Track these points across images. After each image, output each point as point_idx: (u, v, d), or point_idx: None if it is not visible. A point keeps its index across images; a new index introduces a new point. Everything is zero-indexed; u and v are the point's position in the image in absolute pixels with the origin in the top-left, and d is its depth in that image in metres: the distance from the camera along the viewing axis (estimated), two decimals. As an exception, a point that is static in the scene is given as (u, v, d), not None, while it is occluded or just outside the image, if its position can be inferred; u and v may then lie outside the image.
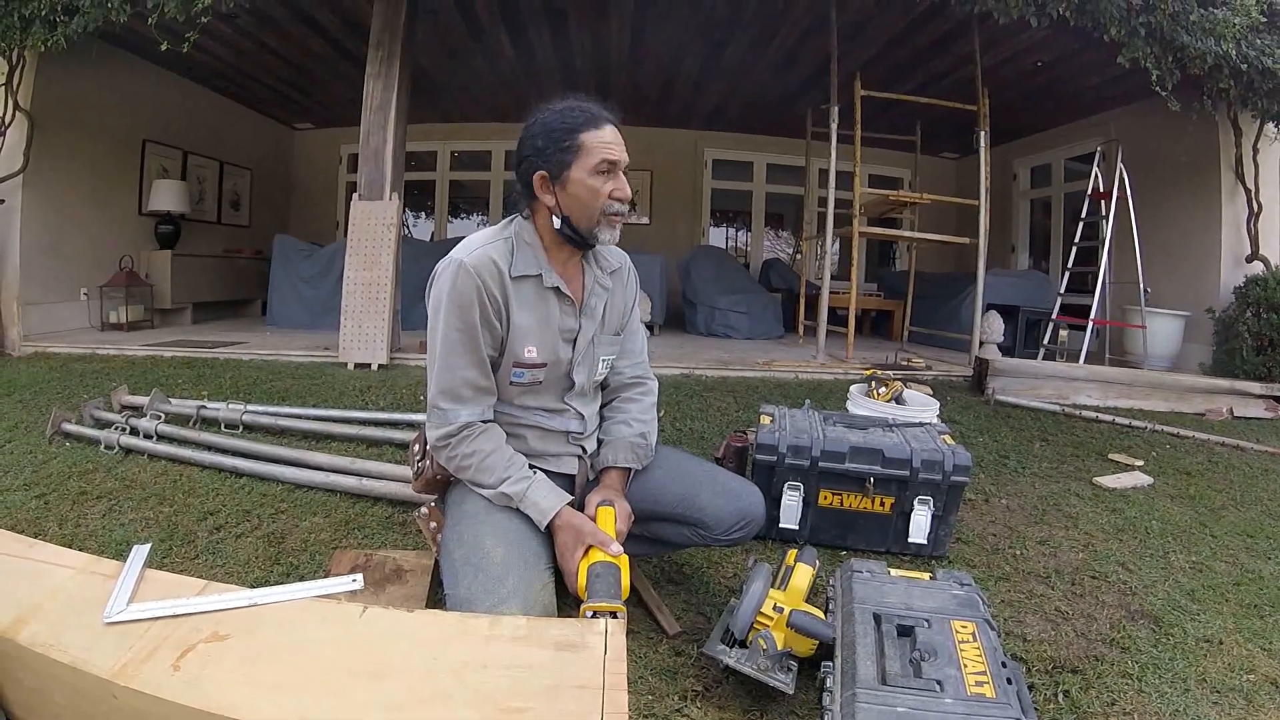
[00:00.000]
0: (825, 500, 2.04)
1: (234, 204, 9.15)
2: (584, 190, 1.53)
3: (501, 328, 1.56)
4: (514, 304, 1.56)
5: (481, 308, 1.51)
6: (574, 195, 1.54)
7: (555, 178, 1.55)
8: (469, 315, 1.51)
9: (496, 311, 1.54)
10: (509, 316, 1.56)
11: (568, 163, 1.53)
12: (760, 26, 6.46)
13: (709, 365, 5.03)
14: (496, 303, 1.53)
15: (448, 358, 1.54)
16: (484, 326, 1.53)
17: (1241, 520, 3.04)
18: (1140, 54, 5.03)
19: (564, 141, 1.53)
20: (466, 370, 1.54)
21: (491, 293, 1.52)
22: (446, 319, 1.52)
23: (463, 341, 1.52)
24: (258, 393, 4.02)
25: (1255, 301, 5.98)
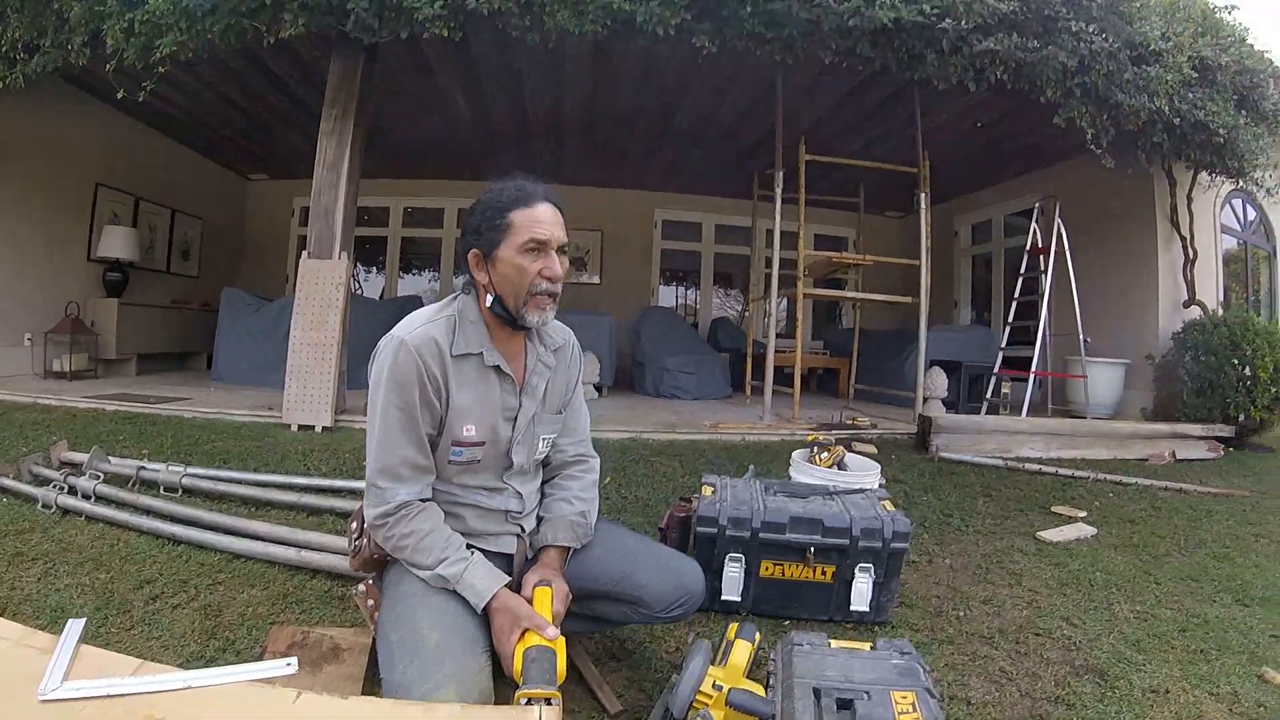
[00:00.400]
0: (767, 571, 2.04)
1: (184, 253, 9.03)
2: (512, 269, 1.54)
3: (441, 407, 1.56)
4: (454, 383, 1.56)
5: (421, 387, 1.51)
6: (503, 274, 1.56)
7: (487, 256, 1.57)
8: (409, 394, 1.50)
9: (436, 391, 1.54)
10: (449, 395, 1.56)
11: (498, 241, 1.55)
12: (710, 92, 6.67)
13: (656, 428, 5.01)
14: (436, 382, 1.53)
15: (386, 436, 1.52)
16: (423, 405, 1.53)
17: (1185, 565, 3.09)
18: (1076, 113, 5.23)
19: (495, 220, 1.55)
20: (405, 449, 1.53)
21: (432, 372, 1.52)
22: (386, 397, 1.51)
23: (402, 420, 1.52)
24: (199, 453, 3.94)
25: (1194, 346, 6.19)
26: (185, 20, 4.43)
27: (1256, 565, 3.18)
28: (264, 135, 8.16)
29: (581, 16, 4.37)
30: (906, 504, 3.66)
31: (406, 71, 6.22)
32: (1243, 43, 6.13)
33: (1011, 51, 4.80)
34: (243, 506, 3.16)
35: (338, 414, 4.81)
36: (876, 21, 4.42)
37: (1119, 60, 5.14)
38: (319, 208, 5.02)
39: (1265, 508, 4.26)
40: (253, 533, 2.70)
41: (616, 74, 6.27)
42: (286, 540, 2.61)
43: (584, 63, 6.01)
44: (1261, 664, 2.17)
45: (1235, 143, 5.83)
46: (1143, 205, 7.17)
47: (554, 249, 1.57)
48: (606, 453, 4.12)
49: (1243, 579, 2.97)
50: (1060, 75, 5.04)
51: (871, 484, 2.40)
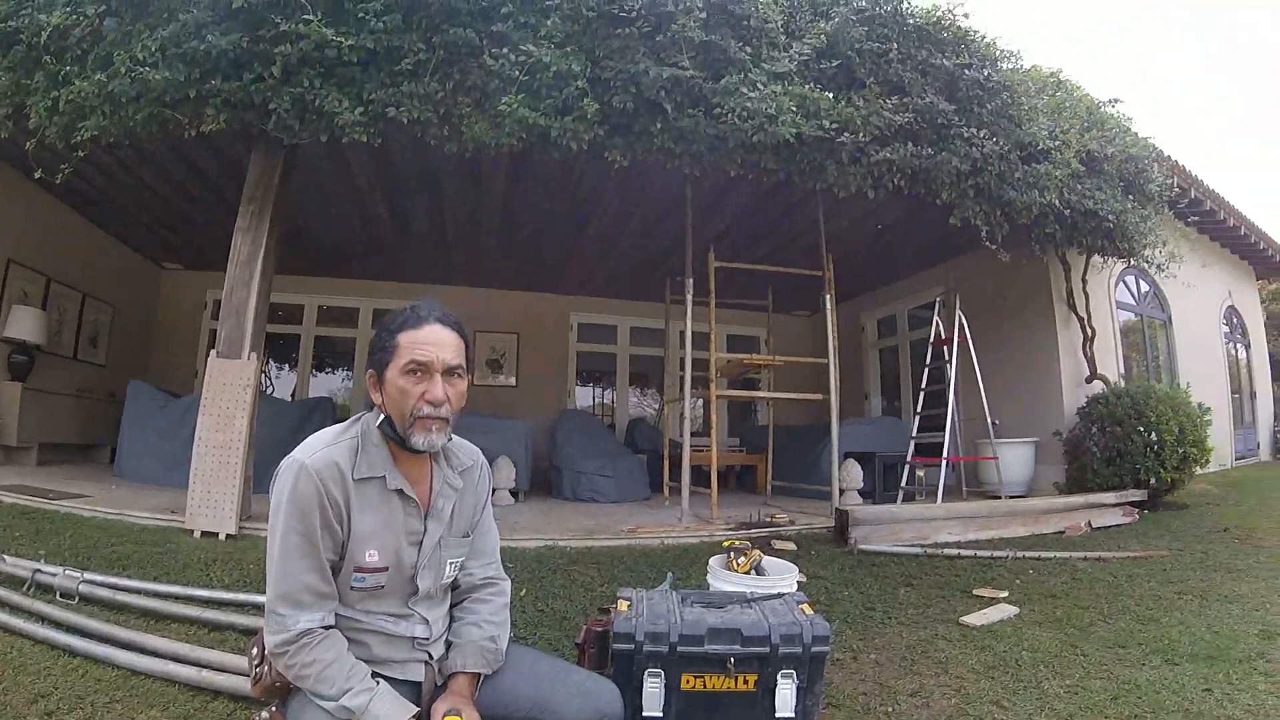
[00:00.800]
0: (689, 684, 1.99)
1: (93, 340, 8.59)
2: (395, 391, 1.53)
3: (342, 532, 1.51)
4: (356, 507, 1.52)
5: (322, 511, 1.47)
6: (390, 396, 1.53)
7: (379, 377, 1.56)
8: (309, 519, 1.46)
9: (338, 516, 1.50)
10: (350, 520, 1.52)
11: (386, 362, 1.54)
12: (623, 201, 6.92)
13: (573, 535, 4.90)
14: (338, 506, 1.49)
15: (286, 562, 1.47)
16: (324, 531, 1.48)
17: (1111, 632, 3.16)
18: (971, 212, 5.60)
19: (385, 341, 1.55)
20: (305, 575, 1.47)
21: (333, 496, 1.48)
22: (286, 522, 1.46)
23: (302, 546, 1.46)
24: (97, 557, 3.74)
25: (1100, 418, 6.54)
26: (109, 105, 4.39)
27: (1182, 623, 3.30)
28: (181, 224, 8.00)
29: (498, 129, 4.51)
30: (828, 600, 3.66)
31: (326, 172, 6.27)
32: (1127, 132, 6.73)
33: (907, 159, 5.16)
34: (142, 618, 3.03)
35: (243, 520, 4.59)
36: (779, 136, 4.68)
37: (1009, 161, 5.57)
38: (230, 306, 4.90)
39: (1184, 564, 4.46)
40: (152, 649, 2.61)
41: (533, 183, 6.45)
42: (187, 658, 2.53)
43: (501, 171, 6.19)
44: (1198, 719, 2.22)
45: (1124, 226, 6.35)
46: (1040, 291, 7.68)
47: (439, 371, 1.54)
48: (522, 562, 4.07)
49: (1169, 638, 3.06)
50: (954, 178, 5.40)
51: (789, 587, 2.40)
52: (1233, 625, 3.27)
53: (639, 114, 4.67)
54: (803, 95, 4.76)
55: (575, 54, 4.47)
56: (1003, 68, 5.78)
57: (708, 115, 4.68)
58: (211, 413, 4.71)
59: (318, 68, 4.33)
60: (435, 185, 6.64)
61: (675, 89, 4.60)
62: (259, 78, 4.30)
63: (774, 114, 4.61)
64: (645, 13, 4.47)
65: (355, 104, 4.38)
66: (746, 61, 4.74)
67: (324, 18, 4.22)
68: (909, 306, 9.89)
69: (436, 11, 4.35)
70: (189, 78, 4.29)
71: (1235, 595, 3.76)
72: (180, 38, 4.24)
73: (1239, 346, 11.71)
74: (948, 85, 5.38)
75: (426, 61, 4.40)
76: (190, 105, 4.42)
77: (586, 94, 4.48)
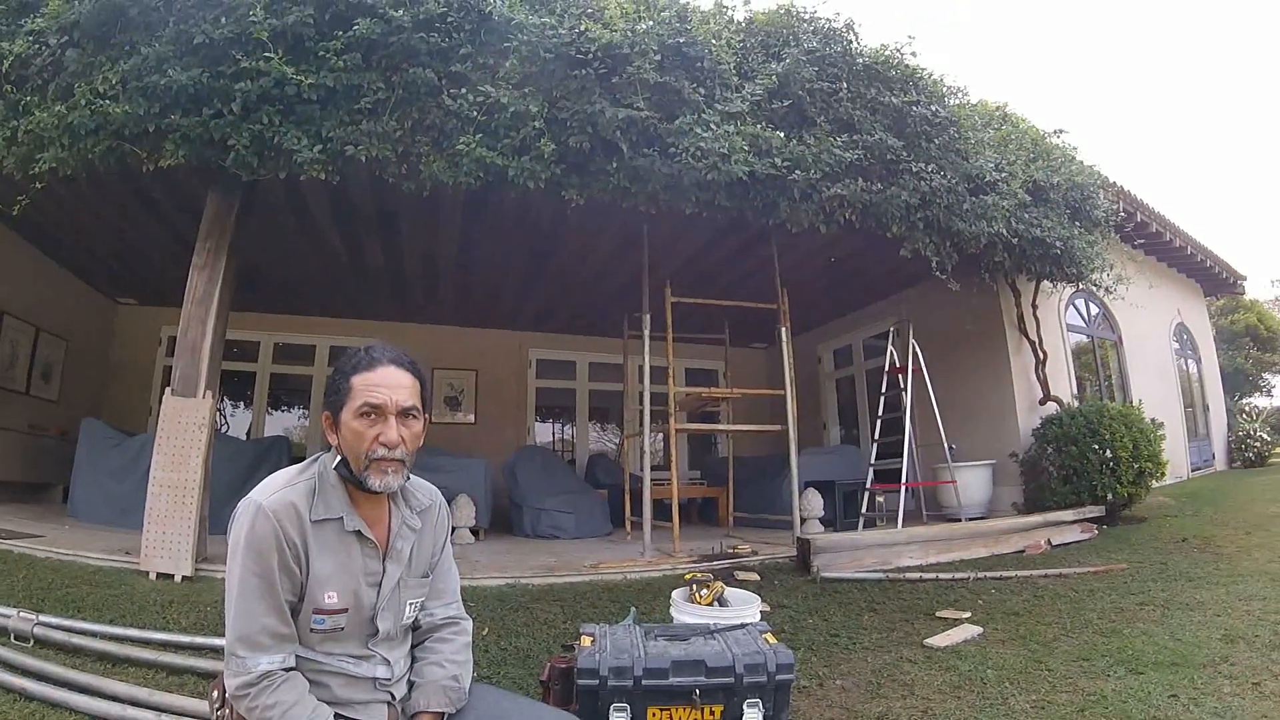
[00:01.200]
0: (654, 717, 2.00)
1: (45, 375, 8.31)
2: (350, 433, 1.53)
3: (301, 573, 1.50)
4: (314, 549, 1.51)
5: (280, 553, 1.46)
6: (345, 438, 1.54)
7: (335, 419, 1.56)
8: (266, 561, 1.45)
9: (295, 558, 1.49)
10: (308, 562, 1.51)
11: (341, 405, 1.54)
12: (580, 239, 6.98)
13: (536, 573, 4.85)
14: (295, 548, 1.48)
15: (245, 604, 1.45)
16: (282, 573, 1.47)
17: (1075, 646, 3.22)
18: (921, 244, 5.73)
19: (340, 383, 1.56)
20: (265, 617, 1.46)
21: (290, 538, 1.47)
22: (244, 564, 1.45)
23: (260, 588, 1.45)
24: (51, 599, 3.65)
25: (1055, 438, 6.71)
26: (68, 137, 4.33)
27: (1145, 633, 3.37)
28: (137, 260, 7.83)
29: (455, 168, 4.54)
30: (793, 628, 3.68)
31: (284, 209, 6.22)
32: (1072, 161, 7.01)
33: (858, 195, 5.29)
34: (99, 661, 2.97)
35: (199, 562, 4.48)
36: (733, 175, 4.79)
37: (957, 193, 5.75)
38: (186, 343, 4.81)
39: (1145, 575, 4.56)
40: (111, 693, 2.57)
41: (491, 221, 6.48)
42: (146, 703, 2.51)
43: (459, 209, 6.20)
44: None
45: (1072, 252, 6.57)
46: (991, 317, 7.89)
47: (393, 413, 1.54)
48: (484, 601, 4.03)
49: (1133, 648, 3.12)
50: (904, 211, 5.54)
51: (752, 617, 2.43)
52: (1195, 632, 3.34)
53: (595, 154, 4.73)
54: (755, 134, 4.89)
55: (533, 95, 4.53)
56: (950, 103, 6.00)
57: (663, 155, 4.76)
58: (166, 452, 4.60)
59: (277, 105, 4.33)
60: (393, 223, 6.63)
61: (631, 129, 4.68)
62: (218, 114, 4.28)
63: (727, 153, 4.72)
64: (602, 55, 4.56)
65: (314, 142, 4.38)
66: (700, 102, 4.85)
67: (284, 55, 4.25)
68: (864, 337, 10.07)
69: (396, 51, 4.39)
70: (148, 112, 4.26)
71: (1196, 603, 3.85)
72: (141, 71, 4.22)
73: (1190, 361, 12.10)
74: (896, 122, 5.55)
75: (386, 100, 4.43)
76: (149, 140, 4.38)
77: (544, 134, 4.54)
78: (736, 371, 8.87)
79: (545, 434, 11.77)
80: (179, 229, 6.46)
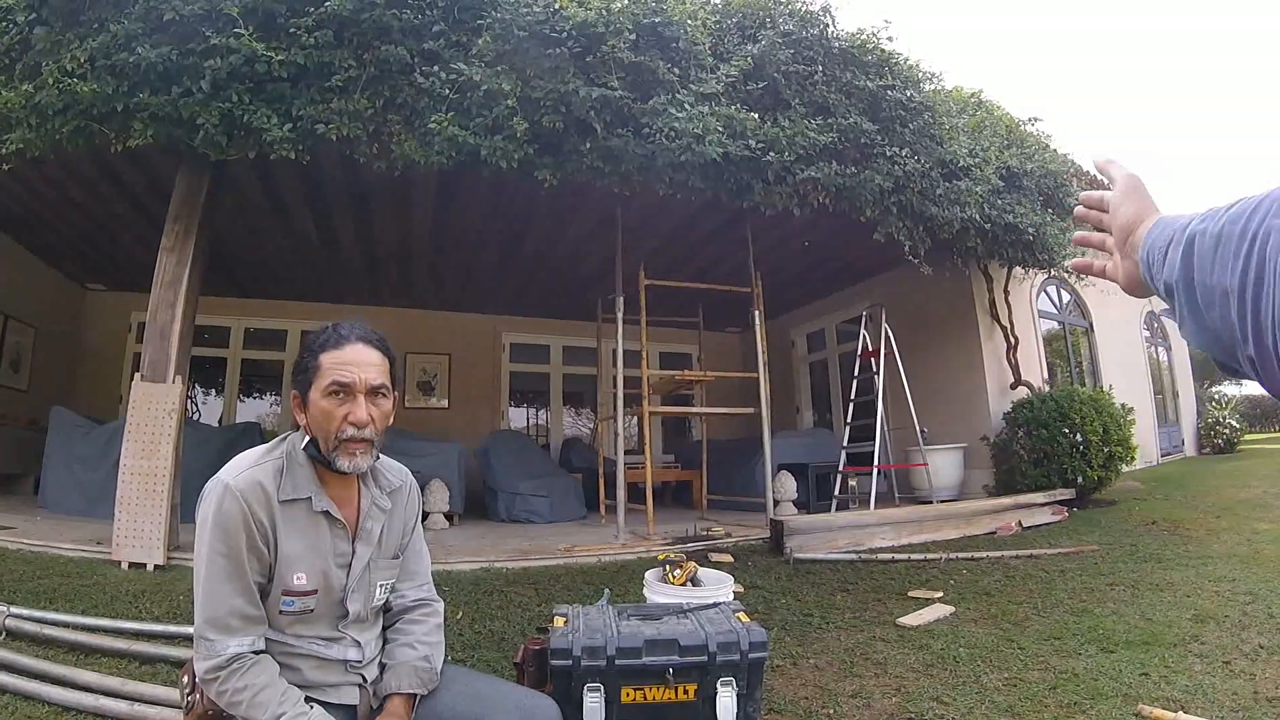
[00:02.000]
0: (628, 697, 2.00)
1: (13, 364, 8.16)
2: (319, 412, 1.50)
3: (269, 554, 1.48)
4: (282, 529, 1.49)
5: (248, 534, 1.43)
6: (314, 417, 1.51)
7: (303, 398, 1.54)
8: (234, 542, 1.42)
9: (264, 538, 1.46)
10: (277, 543, 1.48)
11: (309, 384, 1.51)
12: (554, 220, 6.93)
13: (510, 556, 4.84)
14: (264, 528, 1.46)
15: (212, 586, 1.43)
16: (250, 553, 1.44)
17: (1047, 625, 3.27)
18: (894, 228, 5.76)
19: (308, 362, 1.53)
20: (233, 599, 1.43)
21: (258, 518, 1.45)
22: (211, 545, 1.43)
23: (228, 569, 1.43)
24: (23, 591, 3.61)
25: (1025, 422, 6.80)
26: (36, 117, 4.24)
27: (1115, 612, 3.43)
28: (106, 243, 7.67)
29: (428, 148, 4.48)
30: (766, 608, 3.71)
31: (254, 190, 6.12)
32: (1046, 149, 7.07)
33: (832, 178, 5.30)
34: (71, 652, 2.94)
35: (171, 550, 4.43)
36: (706, 156, 4.77)
37: (931, 178, 5.78)
38: (155, 328, 4.73)
39: (1114, 557, 4.64)
40: (83, 683, 2.55)
41: (463, 202, 6.42)
42: (118, 692, 2.48)
43: (431, 190, 6.14)
44: (1137, 702, 2.31)
45: (1044, 238, 6.64)
46: (964, 302, 7.97)
47: (361, 392, 1.51)
48: (459, 585, 4.02)
49: (1104, 628, 3.18)
50: (878, 196, 5.56)
51: (725, 596, 2.43)
52: (1165, 612, 3.41)
53: (569, 133, 4.69)
54: (729, 116, 4.87)
55: (506, 73, 4.48)
56: (925, 89, 6.02)
57: (636, 135, 4.74)
58: (136, 439, 4.54)
59: (247, 83, 4.26)
60: (365, 204, 6.54)
61: (605, 109, 4.65)
62: (187, 92, 4.20)
63: (701, 134, 4.70)
64: (576, 34, 4.52)
65: (284, 120, 4.31)
66: (675, 83, 4.83)
67: (255, 32, 4.17)
68: (837, 321, 10.13)
69: (368, 28, 4.32)
70: (117, 90, 4.18)
71: (1166, 584, 3.93)
72: (110, 49, 4.13)
73: (1160, 349, 12.30)
74: (871, 106, 5.57)
75: (357, 78, 4.37)
76: (118, 119, 4.29)
77: (516, 113, 4.49)
78: (710, 355, 8.91)
79: (519, 418, 11.74)
80: (149, 211, 6.34)
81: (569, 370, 11.53)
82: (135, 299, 8.67)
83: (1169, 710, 2.22)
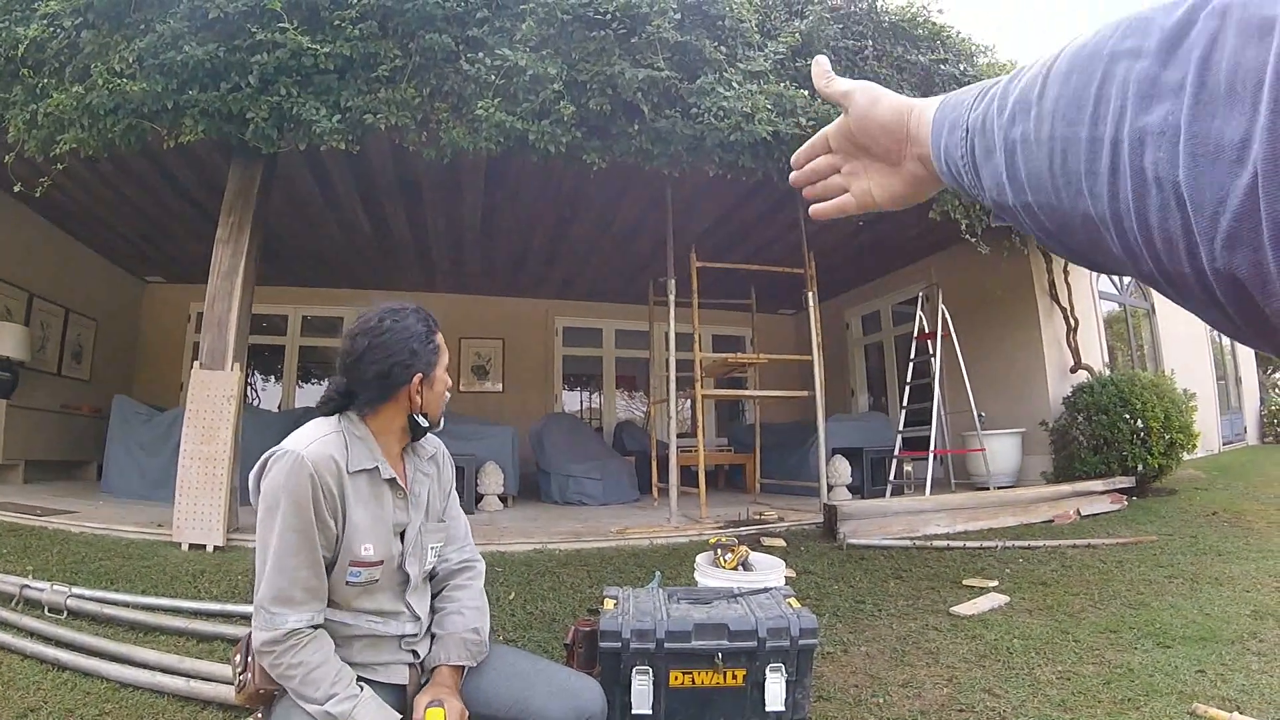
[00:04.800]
0: (676, 680, 1.99)
1: (76, 355, 8.50)
2: (441, 385, 1.67)
3: (337, 526, 1.50)
4: (351, 500, 1.51)
5: (317, 505, 1.45)
6: (437, 392, 1.66)
7: (426, 378, 1.63)
8: (305, 514, 1.44)
9: (333, 509, 1.48)
10: (345, 514, 1.50)
11: (434, 362, 1.64)
12: (603, 204, 6.92)
13: (562, 538, 4.87)
14: (333, 499, 1.48)
15: (281, 558, 1.44)
16: (320, 526, 1.46)
17: (1102, 618, 3.18)
18: (950, 206, 5.62)
19: (430, 343, 1.63)
20: (300, 571, 1.45)
21: (329, 488, 1.47)
22: (283, 517, 1.44)
23: (298, 541, 1.44)
24: (85, 572, 3.72)
25: (1085, 407, 6.57)
26: (88, 118, 4.38)
27: (1173, 606, 3.32)
28: (162, 238, 7.95)
29: (476, 134, 4.51)
30: (818, 594, 3.67)
31: (306, 181, 6.25)
32: None
33: (886, 155, 5.14)
34: (130, 631, 3.02)
35: (230, 532, 4.56)
36: (756, 135, 4.70)
37: (988, 154, 5.57)
38: (212, 317, 4.87)
39: (1174, 548, 4.49)
40: (141, 660, 2.60)
41: (513, 186, 6.45)
42: (175, 669, 2.53)
43: (480, 176, 6.18)
44: (1192, 700, 2.23)
45: (1104, 216, 6.36)
46: (1022, 283, 7.71)
47: None
48: (511, 566, 4.07)
49: (1160, 622, 3.08)
50: (934, 173, 5.39)
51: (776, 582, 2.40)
52: (1224, 607, 3.29)
53: (616, 116, 4.67)
54: (779, 93, 4.78)
55: (551, 57, 4.47)
56: (978, 63, 5.82)
57: (684, 116, 4.69)
58: (196, 425, 4.68)
59: (294, 76, 4.33)
60: (415, 192, 6.62)
61: (651, 90, 4.61)
62: (236, 87, 4.30)
63: (750, 113, 4.63)
64: (620, 15, 4.48)
65: (333, 112, 4.38)
66: (722, 61, 4.76)
67: (300, 26, 4.23)
68: (892, 303, 9.92)
69: (412, 18, 4.35)
70: (166, 88, 4.28)
71: (1225, 577, 3.79)
72: (157, 48, 4.23)
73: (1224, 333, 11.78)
74: (924, 81, 5.41)
75: (403, 68, 4.41)
76: (168, 116, 4.41)
77: (563, 97, 4.48)
78: (763, 338, 8.81)
79: (572, 402, 11.83)
80: (203, 205, 6.52)
81: (621, 353, 11.54)
82: (193, 290, 8.99)
83: (1224, 710, 2.12)
